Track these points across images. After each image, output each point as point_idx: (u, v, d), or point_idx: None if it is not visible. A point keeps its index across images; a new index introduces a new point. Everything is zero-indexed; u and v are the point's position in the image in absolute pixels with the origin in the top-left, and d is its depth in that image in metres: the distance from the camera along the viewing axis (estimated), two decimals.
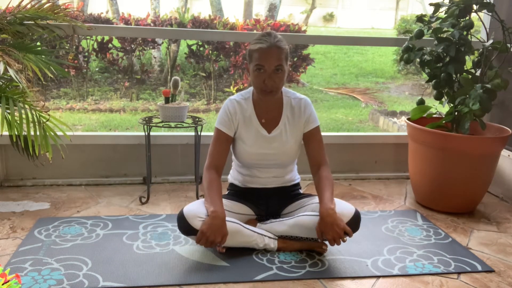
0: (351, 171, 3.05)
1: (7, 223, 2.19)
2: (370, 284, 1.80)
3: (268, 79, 1.87)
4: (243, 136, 2.02)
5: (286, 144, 2.02)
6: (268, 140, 2.01)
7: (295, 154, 2.08)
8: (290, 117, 2.03)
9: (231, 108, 2.01)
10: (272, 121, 2.03)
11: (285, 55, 1.90)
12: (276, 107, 2.03)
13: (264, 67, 1.86)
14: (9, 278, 1.52)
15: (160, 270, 1.82)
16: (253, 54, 1.89)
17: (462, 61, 2.53)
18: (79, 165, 2.72)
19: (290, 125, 2.03)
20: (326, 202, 1.87)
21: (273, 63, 1.86)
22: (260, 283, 1.77)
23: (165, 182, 2.80)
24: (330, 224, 1.82)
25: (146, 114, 5.56)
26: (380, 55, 9.81)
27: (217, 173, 1.98)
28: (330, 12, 19.76)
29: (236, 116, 2.00)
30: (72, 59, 5.92)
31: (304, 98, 2.06)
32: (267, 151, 2.02)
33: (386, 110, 6.23)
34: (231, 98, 2.05)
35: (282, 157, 2.04)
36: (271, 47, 1.86)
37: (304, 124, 2.04)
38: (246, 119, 2.01)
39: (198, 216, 1.84)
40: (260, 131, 2.01)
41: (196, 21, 6.29)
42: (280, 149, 2.02)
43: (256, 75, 1.89)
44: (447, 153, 2.42)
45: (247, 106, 2.02)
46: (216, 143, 2.01)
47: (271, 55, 1.86)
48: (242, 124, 2.01)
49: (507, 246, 2.17)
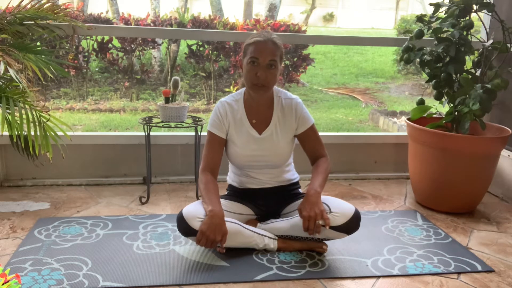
0: (351, 171, 3.05)
1: (7, 223, 2.19)
2: (370, 284, 1.80)
3: (261, 71, 1.87)
4: (234, 138, 2.02)
5: (277, 144, 2.02)
6: (259, 141, 2.01)
7: (288, 154, 2.07)
8: (281, 117, 2.02)
9: (221, 110, 2.01)
10: (262, 122, 2.02)
11: (280, 54, 1.91)
12: (266, 107, 2.02)
13: (259, 60, 1.87)
14: (9, 278, 1.52)
15: (160, 270, 1.82)
16: (248, 48, 1.91)
17: (462, 61, 2.53)
18: (79, 165, 2.72)
19: (281, 125, 2.02)
20: (316, 184, 1.90)
21: (267, 56, 1.87)
22: (260, 283, 1.77)
23: (165, 182, 2.80)
24: (312, 203, 1.84)
25: (146, 114, 5.56)
26: (380, 55, 9.82)
27: (213, 174, 1.99)
28: (330, 12, 19.76)
29: (226, 118, 2.00)
30: (72, 59, 5.92)
31: (295, 98, 2.05)
32: (258, 152, 2.01)
33: (386, 110, 6.23)
34: (221, 100, 2.05)
35: (274, 158, 2.04)
36: (267, 41, 1.89)
37: (297, 125, 2.03)
38: (237, 120, 2.01)
39: (197, 216, 1.84)
40: (250, 132, 2.01)
41: (196, 21, 6.29)
42: (272, 150, 2.02)
43: (250, 68, 1.89)
44: (447, 153, 2.42)
45: (237, 107, 2.02)
46: (209, 146, 2.01)
47: (266, 49, 1.87)
48: (232, 126, 2.01)
49: (507, 246, 2.17)
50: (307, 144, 2.06)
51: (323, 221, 1.82)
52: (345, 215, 1.88)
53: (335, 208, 1.89)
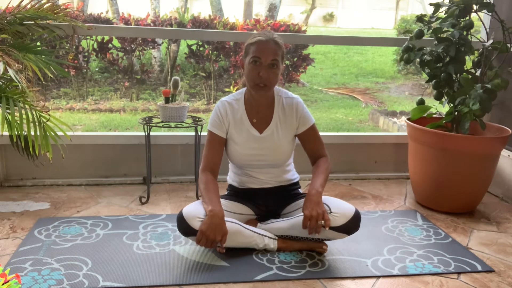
0: (351, 171, 3.05)
1: (7, 223, 2.19)
2: (370, 284, 1.80)
3: (263, 71, 1.87)
4: (234, 137, 2.02)
5: (278, 144, 2.02)
6: (259, 140, 2.01)
7: (288, 154, 2.07)
8: (282, 117, 2.03)
9: (221, 109, 2.01)
10: (263, 121, 2.02)
11: (282, 53, 1.92)
12: (267, 106, 2.03)
13: (261, 60, 1.87)
14: (9, 278, 1.52)
15: (160, 270, 1.82)
16: (250, 48, 1.90)
17: (462, 61, 2.53)
18: (79, 165, 2.72)
19: (282, 125, 2.02)
20: (317, 185, 1.91)
21: (270, 56, 1.87)
22: (260, 283, 1.77)
23: (165, 182, 2.80)
24: (314, 202, 1.85)
25: (146, 114, 5.56)
26: (380, 55, 9.81)
27: (213, 174, 1.99)
28: (330, 12, 19.76)
29: (226, 117, 2.01)
30: (72, 59, 5.92)
31: (296, 97, 2.06)
32: (258, 151, 2.01)
33: (386, 110, 6.23)
34: (222, 99, 2.05)
35: (274, 157, 2.04)
36: (270, 40, 1.89)
37: (298, 125, 2.04)
38: (237, 119, 2.01)
39: (198, 216, 1.84)
40: (251, 131, 2.01)
41: (196, 21, 6.29)
42: (272, 149, 2.02)
43: (252, 68, 1.89)
44: (447, 153, 2.42)
45: (238, 106, 2.02)
46: (209, 146, 2.01)
47: (268, 48, 1.87)
48: (233, 125, 2.01)
49: (507, 246, 2.17)
50: (308, 143, 2.06)
51: (323, 221, 1.83)
52: (345, 215, 1.88)
53: (335, 209, 1.89)
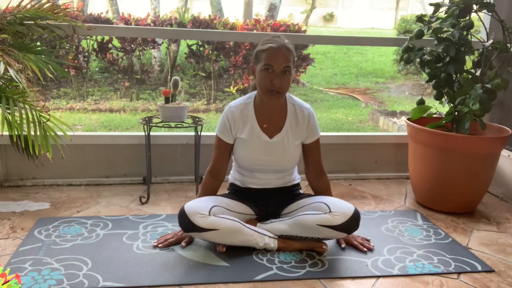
0: (351, 171, 3.05)
1: (7, 223, 2.19)
2: (370, 284, 1.80)
3: (276, 79, 1.87)
4: (243, 141, 2.02)
5: (287, 150, 2.02)
6: (269, 145, 2.01)
7: (296, 160, 2.08)
8: (293, 124, 2.03)
9: (229, 116, 2.02)
10: (274, 126, 2.02)
11: (293, 58, 1.91)
12: (279, 112, 2.03)
13: (273, 67, 1.86)
14: (9, 278, 1.52)
15: (160, 270, 1.82)
16: (261, 55, 1.89)
17: (462, 61, 2.53)
18: (79, 165, 2.72)
19: (293, 132, 2.03)
20: None
21: (282, 63, 1.86)
22: (260, 283, 1.77)
23: (165, 182, 2.80)
24: (351, 236, 2.04)
25: (146, 114, 5.56)
26: (380, 55, 9.81)
27: (217, 177, 2.04)
28: (330, 12, 19.75)
29: (234, 124, 2.01)
30: (72, 59, 5.92)
31: (309, 108, 2.06)
32: (267, 156, 2.02)
33: (386, 110, 6.24)
34: (231, 105, 2.05)
35: (282, 162, 2.05)
36: (281, 47, 1.88)
37: (307, 135, 2.05)
38: (247, 124, 2.01)
39: (199, 212, 1.85)
40: (261, 136, 2.01)
41: (196, 21, 6.30)
42: (281, 155, 2.03)
43: (264, 76, 1.88)
44: (447, 153, 2.42)
45: (247, 111, 2.02)
46: (217, 150, 2.06)
47: (280, 55, 1.86)
48: (241, 130, 2.01)
49: (507, 246, 2.17)
50: (311, 156, 2.09)
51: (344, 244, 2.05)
52: (345, 214, 1.88)
53: (334, 208, 1.90)
